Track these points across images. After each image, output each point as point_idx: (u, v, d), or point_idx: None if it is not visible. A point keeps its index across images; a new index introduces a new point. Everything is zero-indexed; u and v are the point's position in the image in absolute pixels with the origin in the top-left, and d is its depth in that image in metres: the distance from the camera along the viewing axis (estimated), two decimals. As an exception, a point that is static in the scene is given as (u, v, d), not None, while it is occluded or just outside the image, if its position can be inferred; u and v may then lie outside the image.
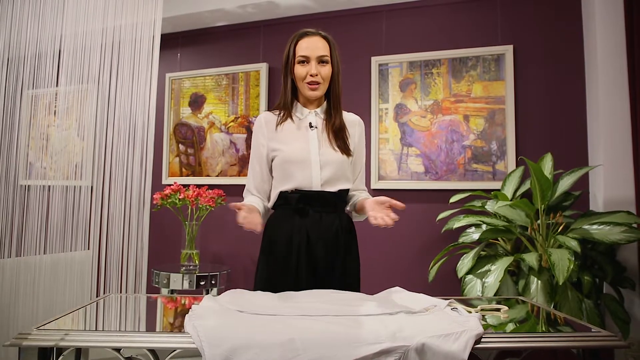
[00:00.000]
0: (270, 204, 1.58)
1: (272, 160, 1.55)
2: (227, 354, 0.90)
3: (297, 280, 1.46)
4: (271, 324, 1.01)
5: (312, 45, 1.51)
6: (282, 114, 1.58)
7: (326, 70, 1.53)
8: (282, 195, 1.52)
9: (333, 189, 1.51)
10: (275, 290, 1.41)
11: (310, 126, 1.55)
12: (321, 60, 1.52)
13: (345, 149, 1.54)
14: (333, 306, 1.16)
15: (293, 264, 1.47)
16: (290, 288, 1.41)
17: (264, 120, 1.59)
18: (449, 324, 1.01)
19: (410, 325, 1.00)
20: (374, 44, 3.02)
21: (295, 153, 1.50)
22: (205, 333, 0.94)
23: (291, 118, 1.57)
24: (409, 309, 1.13)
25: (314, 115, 1.57)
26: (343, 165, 1.53)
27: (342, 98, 1.60)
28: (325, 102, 1.60)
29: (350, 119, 1.64)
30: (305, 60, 1.51)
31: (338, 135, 1.55)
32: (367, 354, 0.90)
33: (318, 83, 1.52)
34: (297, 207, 1.49)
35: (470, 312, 1.14)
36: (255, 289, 1.49)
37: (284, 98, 1.58)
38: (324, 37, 1.55)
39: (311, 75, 1.51)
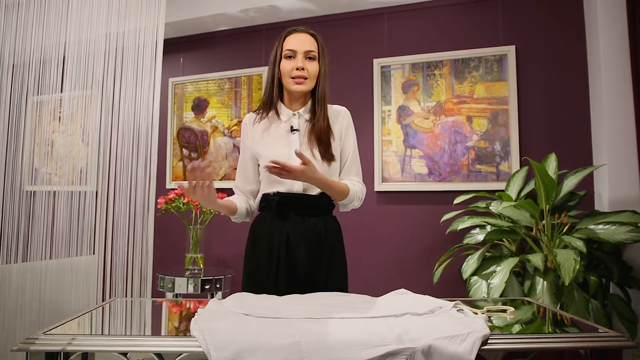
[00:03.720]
0: (255, 206, 1.58)
1: (257, 163, 1.56)
2: (233, 357, 0.90)
3: (276, 282, 1.45)
4: (276, 327, 1.01)
5: (300, 41, 1.49)
6: (262, 114, 1.55)
7: (313, 66, 1.49)
8: (265, 197, 1.53)
9: (314, 192, 1.49)
10: (257, 292, 1.41)
11: (292, 130, 1.52)
12: (308, 56, 1.49)
13: (327, 156, 1.50)
14: (338, 309, 1.16)
15: (273, 266, 1.47)
16: (270, 291, 1.41)
17: (248, 121, 1.59)
18: (455, 325, 1.01)
19: (417, 327, 1.00)
20: (376, 46, 3.03)
21: (276, 158, 1.46)
22: (211, 337, 0.95)
23: (277, 117, 1.54)
24: (414, 311, 1.13)
25: (297, 118, 1.54)
26: (324, 171, 1.48)
27: (328, 99, 1.55)
28: (310, 101, 1.56)
29: (335, 110, 1.59)
30: (292, 55, 1.49)
31: (321, 139, 1.50)
32: (373, 357, 0.90)
33: (304, 78, 1.48)
34: (277, 210, 1.48)
35: (476, 313, 1.13)
36: (242, 290, 1.50)
37: (268, 97, 1.54)
38: (312, 35, 1.52)
39: (297, 69, 1.47)
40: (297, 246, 1.46)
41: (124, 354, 1.02)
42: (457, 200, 2.55)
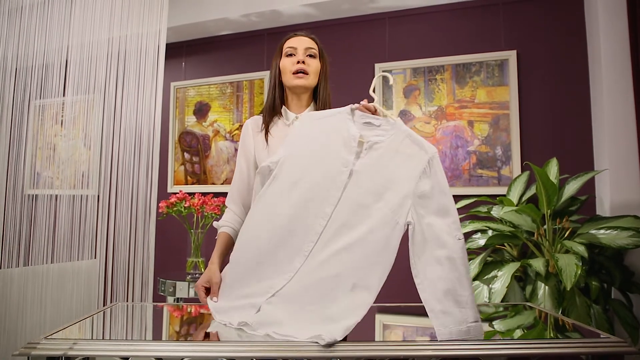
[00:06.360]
0: None
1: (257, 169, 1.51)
2: None
3: None
4: None
5: (300, 40, 1.48)
6: (266, 119, 1.51)
7: (314, 62, 1.47)
8: None
9: None
10: None
11: None
12: (309, 54, 1.47)
13: None
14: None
15: None
16: None
17: (251, 126, 1.56)
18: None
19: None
20: (378, 50, 3.04)
21: None
22: None
23: (280, 121, 1.51)
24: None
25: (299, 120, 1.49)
26: None
27: (330, 100, 1.52)
28: (312, 103, 1.53)
29: None
30: (293, 53, 1.46)
31: None
32: None
33: (306, 73, 1.45)
34: None
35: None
36: None
37: (272, 101, 1.51)
38: (312, 38, 1.51)
39: (298, 63, 1.44)
40: None
41: (125, 358, 1.02)
42: (458, 205, 2.53)
